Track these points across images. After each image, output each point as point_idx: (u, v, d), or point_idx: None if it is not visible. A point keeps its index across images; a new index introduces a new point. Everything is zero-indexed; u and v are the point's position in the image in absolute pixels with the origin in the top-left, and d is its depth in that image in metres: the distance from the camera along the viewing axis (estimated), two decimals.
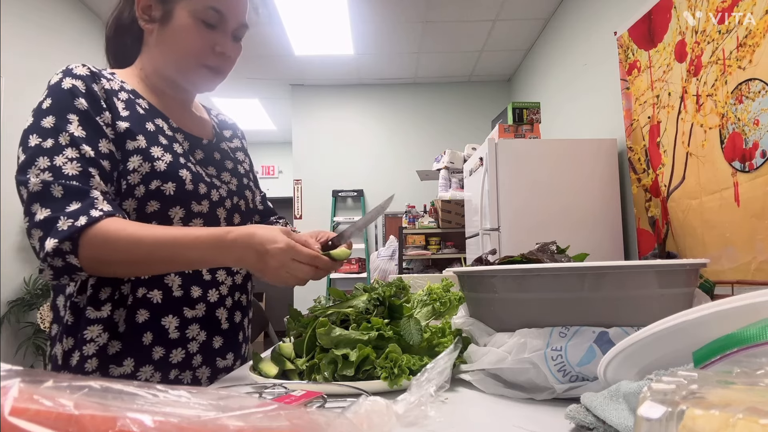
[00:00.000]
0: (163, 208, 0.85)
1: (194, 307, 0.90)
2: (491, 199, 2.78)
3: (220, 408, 0.27)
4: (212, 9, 0.88)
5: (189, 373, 0.89)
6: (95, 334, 0.82)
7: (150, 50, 0.93)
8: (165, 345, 0.86)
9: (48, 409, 0.23)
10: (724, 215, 2.03)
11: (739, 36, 1.95)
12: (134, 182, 0.83)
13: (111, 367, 0.83)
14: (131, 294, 0.85)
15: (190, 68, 0.91)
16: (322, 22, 4.17)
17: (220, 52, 0.91)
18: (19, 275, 3.23)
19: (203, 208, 0.90)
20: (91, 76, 0.84)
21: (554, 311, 0.58)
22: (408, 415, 0.47)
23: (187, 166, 0.89)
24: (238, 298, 0.99)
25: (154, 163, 0.84)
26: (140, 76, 0.94)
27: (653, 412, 0.26)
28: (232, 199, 0.98)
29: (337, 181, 5.42)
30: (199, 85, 0.96)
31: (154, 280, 0.86)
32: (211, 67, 0.92)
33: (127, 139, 0.83)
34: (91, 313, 0.83)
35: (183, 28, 0.88)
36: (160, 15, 0.90)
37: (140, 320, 0.85)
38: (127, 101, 0.87)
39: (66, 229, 0.72)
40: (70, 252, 0.72)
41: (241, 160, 1.08)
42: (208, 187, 0.92)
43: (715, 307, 0.38)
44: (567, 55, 3.79)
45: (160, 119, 0.91)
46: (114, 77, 0.89)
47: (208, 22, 0.89)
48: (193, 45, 0.89)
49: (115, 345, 0.83)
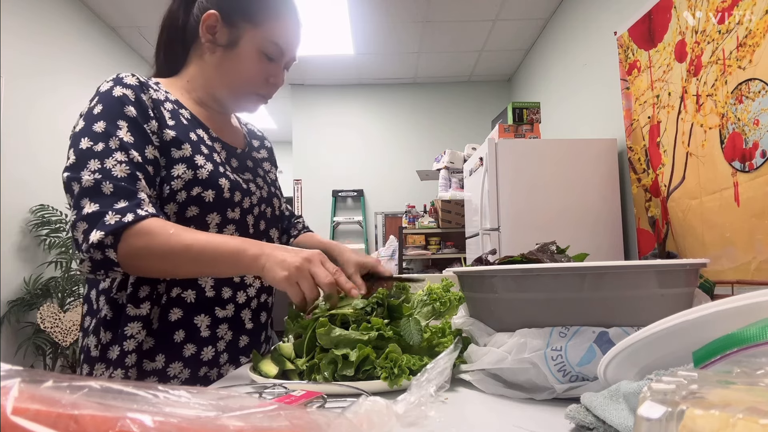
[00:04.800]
0: (202, 213, 0.90)
1: (225, 307, 0.94)
2: (491, 199, 2.78)
3: (220, 408, 0.27)
4: (275, 44, 0.94)
5: (216, 370, 0.93)
6: (135, 331, 0.86)
7: (205, 66, 0.97)
8: (196, 343, 0.90)
9: (48, 409, 0.23)
10: (724, 215, 2.03)
11: (739, 36, 1.95)
12: (177, 188, 0.87)
13: (144, 361, 0.87)
14: (166, 293, 0.89)
15: (243, 94, 0.97)
16: (322, 22, 4.17)
17: (273, 83, 0.98)
18: (19, 275, 3.23)
19: (236, 215, 0.94)
20: (140, 86, 0.88)
21: (554, 311, 0.58)
22: (408, 415, 0.47)
23: (226, 175, 0.93)
24: (264, 299, 1.03)
25: (197, 171, 0.88)
26: (186, 87, 0.98)
27: (653, 412, 0.26)
28: (260, 207, 1.02)
29: (337, 181, 5.42)
30: (244, 107, 1.02)
31: (189, 280, 0.90)
32: (262, 95, 0.99)
33: (172, 147, 0.88)
34: (131, 310, 0.86)
35: (246, 57, 0.93)
36: (226, 40, 0.93)
37: (173, 318, 0.89)
38: (173, 111, 0.92)
39: (113, 223, 0.75)
40: (111, 246, 0.75)
41: (267, 170, 1.12)
42: (242, 194, 0.96)
43: (715, 307, 0.38)
44: (567, 55, 3.79)
45: (201, 129, 0.95)
46: (159, 87, 0.93)
47: (270, 55, 0.95)
48: (252, 75, 0.95)
49: (149, 341, 0.87)
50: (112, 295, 0.88)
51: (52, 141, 3.43)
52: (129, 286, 0.88)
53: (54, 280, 3.32)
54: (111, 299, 0.88)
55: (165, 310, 0.88)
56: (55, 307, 3.23)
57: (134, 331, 0.86)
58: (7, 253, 3.13)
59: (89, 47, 3.89)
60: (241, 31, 0.92)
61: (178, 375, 0.88)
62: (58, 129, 3.48)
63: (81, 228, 0.76)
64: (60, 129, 3.48)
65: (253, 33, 0.92)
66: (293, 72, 5.10)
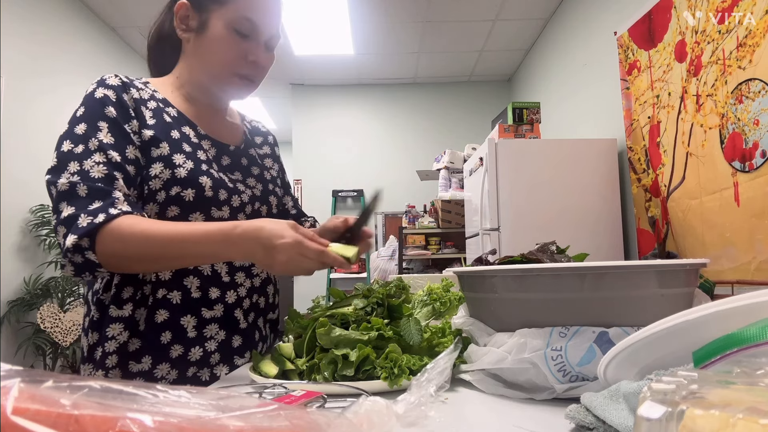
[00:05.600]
0: (183, 213, 0.89)
1: (212, 307, 0.92)
2: (491, 199, 2.78)
3: (220, 408, 0.27)
4: (246, 19, 0.91)
5: (207, 370, 0.92)
6: (116, 332, 0.86)
7: (186, 59, 0.97)
8: (183, 343, 0.89)
9: (48, 409, 0.23)
10: (724, 215, 2.03)
11: (739, 36, 1.95)
12: (155, 188, 0.86)
13: (130, 363, 0.86)
14: (152, 295, 0.88)
15: (222, 77, 0.94)
16: (322, 22, 4.17)
17: (252, 61, 0.93)
18: (19, 275, 3.23)
19: (224, 214, 0.93)
20: (122, 86, 0.88)
21: (554, 311, 0.58)
22: (408, 415, 0.47)
23: (208, 173, 0.91)
24: (255, 300, 1.01)
25: (175, 170, 0.87)
26: (175, 84, 0.98)
27: (653, 412, 0.26)
28: (253, 205, 1.00)
29: (337, 181, 5.42)
30: (231, 93, 1.00)
31: (174, 282, 0.89)
32: (243, 76, 0.95)
33: (151, 147, 0.87)
34: (113, 311, 0.86)
35: (217, 37, 0.91)
36: (197, 24, 0.93)
37: (159, 320, 0.88)
38: (155, 110, 0.91)
39: (85, 225, 0.75)
40: (88, 248, 0.75)
41: (268, 167, 1.10)
42: (229, 192, 0.94)
43: (715, 307, 0.38)
44: (567, 55, 3.79)
45: (187, 127, 0.94)
46: (146, 87, 0.93)
47: (242, 31, 0.91)
48: (226, 54, 0.92)
49: (134, 343, 0.87)
50: (99, 296, 0.88)
51: (52, 141, 3.38)
52: (113, 287, 0.87)
53: (54, 280, 3.32)
54: (99, 300, 0.88)
55: (152, 312, 0.88)
56: (55, 307, 3.23)
57: (115, 333, 0.85)
58: (7, 253, 3.13)
59: (89, 47, 3.89)
60: (209, 13, 0.91)
61: (165, 376, 0.88)
62: (58, 129, 3.46)
63: (61, 232, 0.77)
64: (60, 129, 3.47)
65: (220, 12, 0.90)
66: (293, 72, 5.10)
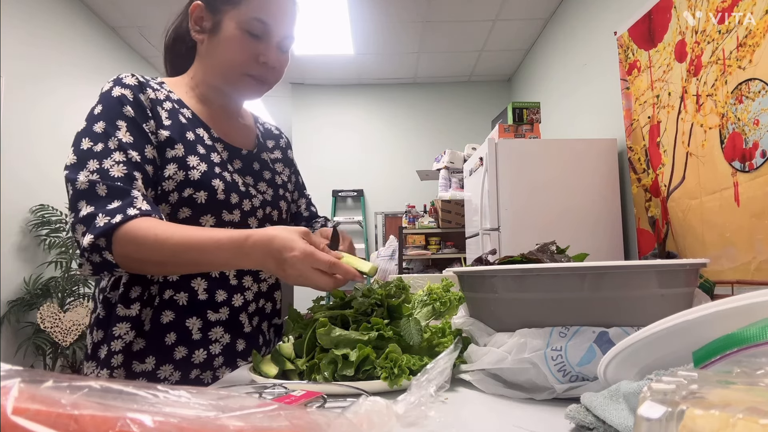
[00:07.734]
0: (195, 215, 0.89)
1: (218, 310, 0.92)
2: (491, 199, 2.78)
3: (220, 408, 0.27)
4: (257, 20, 0.91)
5: (210, 372, 0.92)
6: (123, 332, 0.86)
7: (201, 60, 0.98)
8: (187, 345, 0.89)
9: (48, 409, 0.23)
10: (724, 215, 2.03)
11: (739, 36, 1.95)
12: (169, 189, 0.87)
13: (134, 363, 0.86)
14: (158, 295, 0.88)
15: (234, 77, 0.94)
16: (322, 22, 4.17)
17: (264, 62, 0.93)
18: (19, 275, 3.22)
19: (234, 217, 0.93)
20: (139, 86, 0.88)
21: (554, 311, 0.58)
22: (408, 415, 0.47)
23: (221, 176, 0.92)
24: (262, 305, 1.01)
25: (189, 171, 0.88)
26: (190, 84, 0.99)
27: (653, 412, 0.26)
28: (264, 209, 1.00)
29: (337, 181, 5.42)
30: (243, 94, 1.00)
31: (181, 283, 0.90)
32: (255, 77, 0.95)
33: (166, 147, 0.88)
34: (121, 310, 0.86)
35: (229, 38, 0.92)
36: (210, 26, 0.93)
37: (165, 321, 0.88)
38: (171, 110, 0.91)
39: (102, 225, 0.75)
40: (105, 248, 0.75)
41: (279, 171, 1.10)
42: (240, 196, 0.94)
43: (715, 307, 0.38)
44: (567, 55, 3.79)
45: (201, 129, 0.95)
46: (162, 87, 0.93)
47: (254, 32, 0.92)
48: (238, 55, 0.92)
49: (139, 342, 0.87)
50: (106, 294, 0.88)
51: (52, 141, 3.43)
52: (121, 285, 0.87)
53: (54, 280, 3.32)
54: (105, 298, 0.88)
55: (158, 313, 0.88)
56: (55, 307, 3.23)
57: (122, 332, 0.85)
58: (7, 253, 3.13)
59: (89, 47, 3.89)
60: (222, 15, 0.92)
61: (168, 377, 0.88)
62: (59, 129, 3.48)
63: (79, 231, 0.77)
64: (60, 129, 3.48)
65: (233, 13, 0.91)
66: (293, 71, 5.10)
